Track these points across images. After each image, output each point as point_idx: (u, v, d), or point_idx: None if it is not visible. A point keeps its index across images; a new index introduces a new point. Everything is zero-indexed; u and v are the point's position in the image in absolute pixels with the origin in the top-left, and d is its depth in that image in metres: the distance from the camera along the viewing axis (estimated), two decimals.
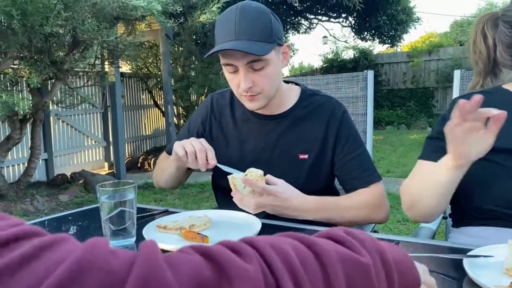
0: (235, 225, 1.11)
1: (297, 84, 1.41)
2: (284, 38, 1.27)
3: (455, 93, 1.62)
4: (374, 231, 1.45)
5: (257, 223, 1.07)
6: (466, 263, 0.79)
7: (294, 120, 1.32)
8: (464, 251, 0.87)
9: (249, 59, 1.16)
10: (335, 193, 1.41)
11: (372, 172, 1.29)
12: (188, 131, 1.45)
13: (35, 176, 5.52)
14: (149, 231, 1.04)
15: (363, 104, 1.69)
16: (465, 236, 1.14)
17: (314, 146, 1.29)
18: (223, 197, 1.41)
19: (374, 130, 1.74)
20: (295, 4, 7.75)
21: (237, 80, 1.21)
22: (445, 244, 1.00)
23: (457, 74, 1.63)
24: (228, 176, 1.14)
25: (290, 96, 1.35)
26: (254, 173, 1.11)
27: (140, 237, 1.02)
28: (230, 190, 1.28)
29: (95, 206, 1.22)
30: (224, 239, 0.99)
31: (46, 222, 1.30)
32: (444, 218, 1.54)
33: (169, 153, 1.41)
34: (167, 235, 1.04)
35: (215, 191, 1.49)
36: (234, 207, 1.21)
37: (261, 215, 1.15)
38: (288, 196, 1.13)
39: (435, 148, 1.17)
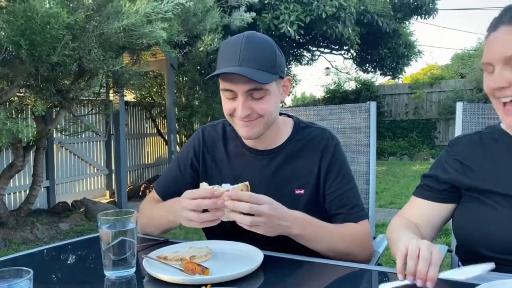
0: (237, 257, 1.09)
1: (289, 116, 1.39)
2: (286, 71, 1.27)
3: (458, 125, 1.62)
4: (379, 264, 1.42)
5: (259, 255, 1.05)
6: None
7: (288, 155, 1.29)
8: (471, 286, 0.85)
9: (250, 86, 1.15)
10: None
11: (360, 209, 1.26)
12: (179, 168, 1.38)
13: (36, 204, 5.49)
14: (149, 262, 1.03)
15: (366, 134, 1.69)
16: None
17: (309, 181, 1.27)
18: (214, 234, 1.33)
19: (377, 161, 1.73)
20: (297, 37, 7.90)
21: (234, 106, 1.19)
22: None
23: (459, 106, 1.64)
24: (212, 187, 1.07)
25: (284, 129, 1.33)
26: (239, 187, 1.06)
27: (140, 268, 1.00)
28: (222, 228, 1.25)
29: (95, 235, 1.20)
30: (225, 270, 0.98)
31: (45, 252, 1.28)
32: (449, 251, 1.52)
33: (159, 193, 1.37)
34: (168, 266, 1.02)
35: (206, 231, 1.38)
36: None
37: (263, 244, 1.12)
38: (277, 205, 1.07)
39: (425, 185, 1.23)
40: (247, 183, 1.08)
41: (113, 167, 6.69)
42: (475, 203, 1.11)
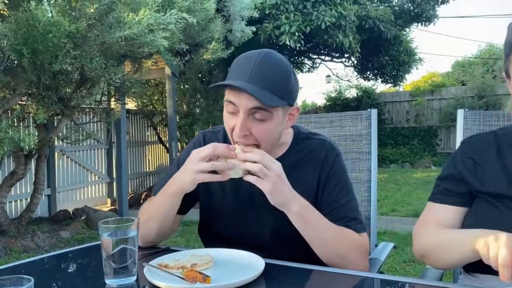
0: (238, 265, 1.09)
1: None
2: (296, 100, 1.22)
3: (459, 132, 1.62)
4: (381, 272, 1.42)
5: (260, 263, 1.04)
6: None
7: (288, 167, 1.22)
8: None
9: (254, 105, 1.10)
10: None
11: (358, 222, 1.23)
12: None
13: (37, 212, 5.49)
14: (150, 270, 1.02)
15: (367, 142, 1.69)
16: (476, 284, 1.10)
17: (310, 193, 1.24)
18: (213, 245, 1.31)
19: (378, 168, 1.72)
20: (298, 46, 7.93)
21: (234, 123, 1.14)
22: (454, 287, 0.97)
23: (460, 113, 1.64)
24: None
25: (284, 140, 1.30)
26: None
27: (141, 276, 1.00)
28: (220, 238, 1.23)
29: (96, 243, 1.20)
30: (227, 278, 0.97)
31: (45, 260, 1.28)
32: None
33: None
34: (169, 274, 1.02)
35: (204, 240, 1.38)
36: None
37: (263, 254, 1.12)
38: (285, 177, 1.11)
39: (444, 190, 1.18)
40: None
41: (114, 175, 6.70)
42: (485, 206, 1.09)
